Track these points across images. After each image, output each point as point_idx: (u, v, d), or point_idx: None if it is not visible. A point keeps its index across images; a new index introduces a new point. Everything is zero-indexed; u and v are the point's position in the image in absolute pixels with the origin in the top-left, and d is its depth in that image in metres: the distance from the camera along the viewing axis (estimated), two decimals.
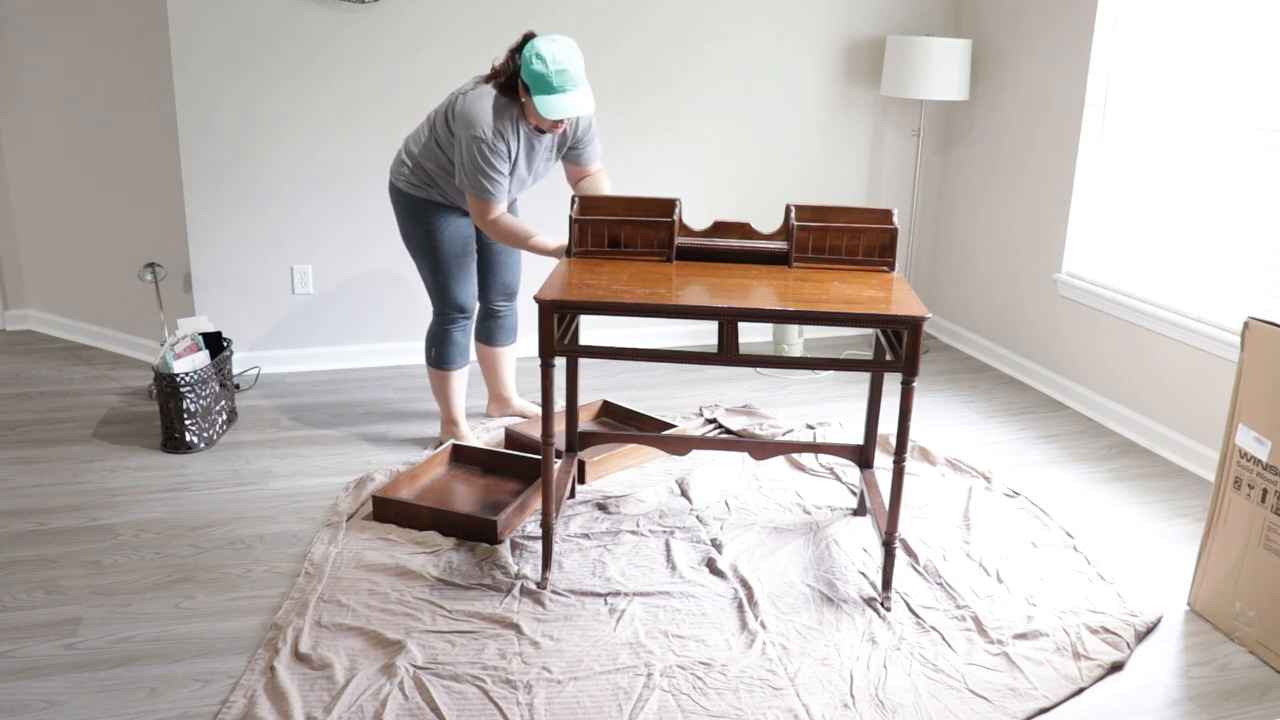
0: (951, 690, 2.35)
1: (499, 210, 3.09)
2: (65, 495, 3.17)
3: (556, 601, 2.64)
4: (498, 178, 3.03)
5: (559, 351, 2.54)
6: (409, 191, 3.24)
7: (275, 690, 2.26)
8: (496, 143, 2.99)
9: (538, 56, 2.88)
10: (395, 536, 2.93)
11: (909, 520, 3.12)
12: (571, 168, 3.33)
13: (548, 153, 3.22)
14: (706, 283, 2.64)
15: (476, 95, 3.03)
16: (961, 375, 4.50)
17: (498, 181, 3.04)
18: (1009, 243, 4.49)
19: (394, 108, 4.11)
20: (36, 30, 4.14)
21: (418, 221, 3.27)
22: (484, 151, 2.99)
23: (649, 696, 2.29)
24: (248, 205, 4.08)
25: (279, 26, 3.91)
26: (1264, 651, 2.51)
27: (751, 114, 4.57)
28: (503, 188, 3.07)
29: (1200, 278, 3.55)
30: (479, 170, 3.01)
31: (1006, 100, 4.43)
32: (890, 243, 2.82)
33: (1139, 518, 3.21)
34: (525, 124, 3.07)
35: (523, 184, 3.22)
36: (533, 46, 2.91)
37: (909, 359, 2.44)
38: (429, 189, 3.23)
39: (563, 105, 2.91)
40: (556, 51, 2.89)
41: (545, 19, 4.17)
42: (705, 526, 3.04)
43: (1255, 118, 3.31)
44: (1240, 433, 2.54)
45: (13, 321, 4.70)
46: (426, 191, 3.23)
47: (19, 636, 2.46)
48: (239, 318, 4.20)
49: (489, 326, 3.64)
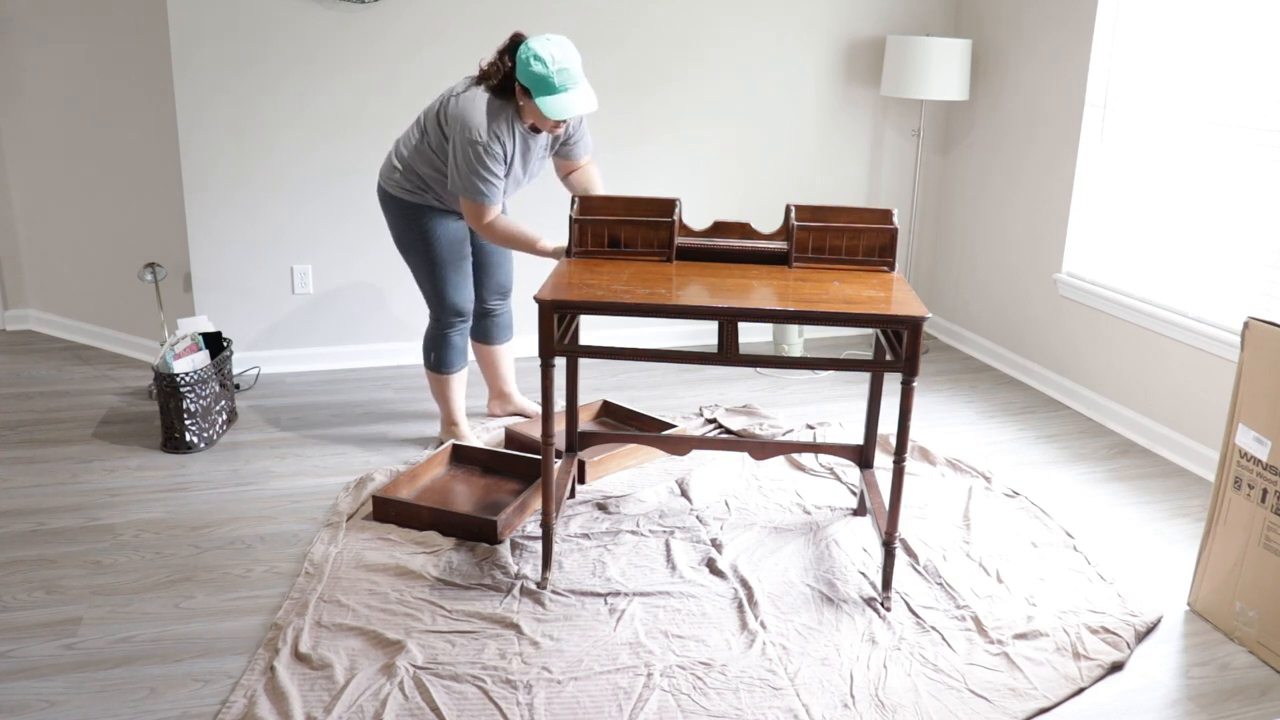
0: (951, 690, 2.35)
1: (494, 213, 3.08)
2: (65, 495, 3.17)
3: (556, 601, 2.64)
4: (494, 180, 3.01)
5: (559, 351, 2.54)
6: (402, 196, 3.21)
7: (275, 690, 2.26)
8: (492, 145, 2.97)
9: (536, 58, 2.85)
10: (395, 536, 2.93)
11: (909, 520, 3.12)
12: (562, 162, 3.32)
13: (543, 151, 3.21)
14: (706, 283, 2.64)
15: (469, 98, 2.99)
16: (961, 375, 4.50)
17: (493, 184, 3.02)
18: (1009, 243, 4.49)
19: (394, 108, 4.11)
20: (37, 30, 4.14)
21: (412, 227, 3.24)
22: (480, 154, 2.96)
23: (649, 696, 2.29)
24: (248, 205, 4.09)
25: (279, 26, 3.91)
26: (1264, 651, 2.51)
27: (751, 114, 4.57)
28: (498, 190, 3.05)
29: (1200, 278, 3.55)
30: (474, 173, 2.99)
31: (1006, 100, 4.43)
32: (890, 243, 2.82)
33: (1139, 518, 3.21)
34: (520, 125, 3.05)
35: (518, 184, 3.21)
36: (528, 48, 2.88)
37: (909, 359, 2.44)
38: (423, 193, 3.20)
39: (567, 105, 2.89)
40: (554, 51, 2.86)
41: (545, 19, 4.17)
42: (705, 526, 3.05)
43: (1255, 118, 3.31)
44: (1240, 433, 2.54)
45: (13, 321, 4.70)
46: (420, 196, 3.20)
47: (19, 636, 2.46)
48: (239, 318, 4.20)
49: (485, 325, 3.64)
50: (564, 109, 2.89)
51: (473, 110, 2.97)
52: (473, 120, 2.96)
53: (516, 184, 3.19)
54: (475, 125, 2.95)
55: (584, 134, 3.27)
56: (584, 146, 3.29)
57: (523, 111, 3.01)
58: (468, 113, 2.97)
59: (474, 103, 2.98)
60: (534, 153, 3.16)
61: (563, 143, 3.24)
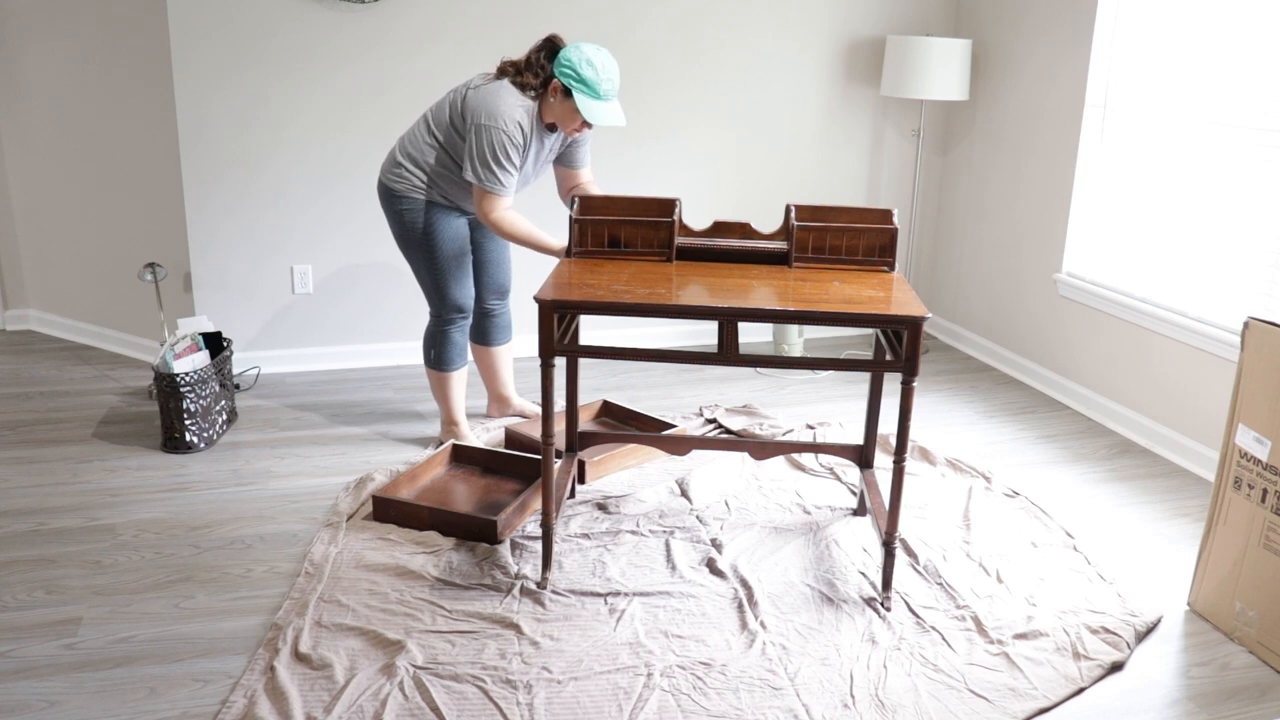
0: (951, 690, 2.35)
1: (505, 205, 3.10)
2: (65, 495, 3.17)
3: (556, 601, 2.64)
4: (510, 169, 3.05)
5: (559, 351, 2.54)
6: (406, 192, 3.23)
7: (275, 690, 2.26)
8: (515, 134, 3.02)
9: (589, 63, 2.95)
10: (395, 536, 2.93)
11: (909, 520, 3.12)
12: (564, 171, 3.36)
13: (550, 153, 3.25)
14: (706, 283, 2.64)
15: (492, 89, 3.05)
16: (961, 375, 4.50)
17: (510, 173, 3.06)
18: (1009, 243, 4.49)
19: (394, 107, 4.11)
20: (37, 30, 4.14)
21: (415, 223, 3.25)
22: (500, 141, 3.01)
23: (649, 696, 2.29)
24: (248, 205, 4.09)
25: (279, 26, 3.91)
26: (1264, 651, 2.51)
27: (751, 114, 4.57)
28: (513, 180, 3.09)
29: (1200, 278, 3.55)
30: (494, 159, 3.02)
31: (1006, 100, 4.43)
32: (890, 243, 2.82)
33: (1139, 518, 3.21)
34: (538, 123, 3.10)
35: (526, 182, 3.24)
36: (580, 50, 2.97)
37: (909, 359, 2.44)
38: (429, 189, 3.22)
39: (607, 113, 3.00)
40: (606, 61, 2.98)
41: (546, 20, 4.17)
42: (705, 526, 3.05)
43: (1255, 118, 3.31)
44: (1240, 433, 2.54)
45: (13, 321, 4.70)
46: (426, 192, 3.22)
47: (19, 636, 2.46)
48: (239, 318, 4.20)
49: (484, 326, 3.64)
50: (602, 115, 2.99)
51: (497, 100, 3.02)
52: (497, 108, 3.01)
53: (525, 182, 3.24)
54: (499, 113, 3.01)
55: (588, 142, 3.34)
56: (586, 153, 3.35)
57: (546, 109, 3.06)
58: (491, 102, 3.02)
59: (497, 94, 3.04)
60: (543, 154, 3.21)
61: (568, 145, 3.29)
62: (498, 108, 3.01)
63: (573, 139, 3.27)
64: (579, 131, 3.11)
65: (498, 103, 3.01)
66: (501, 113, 3.00)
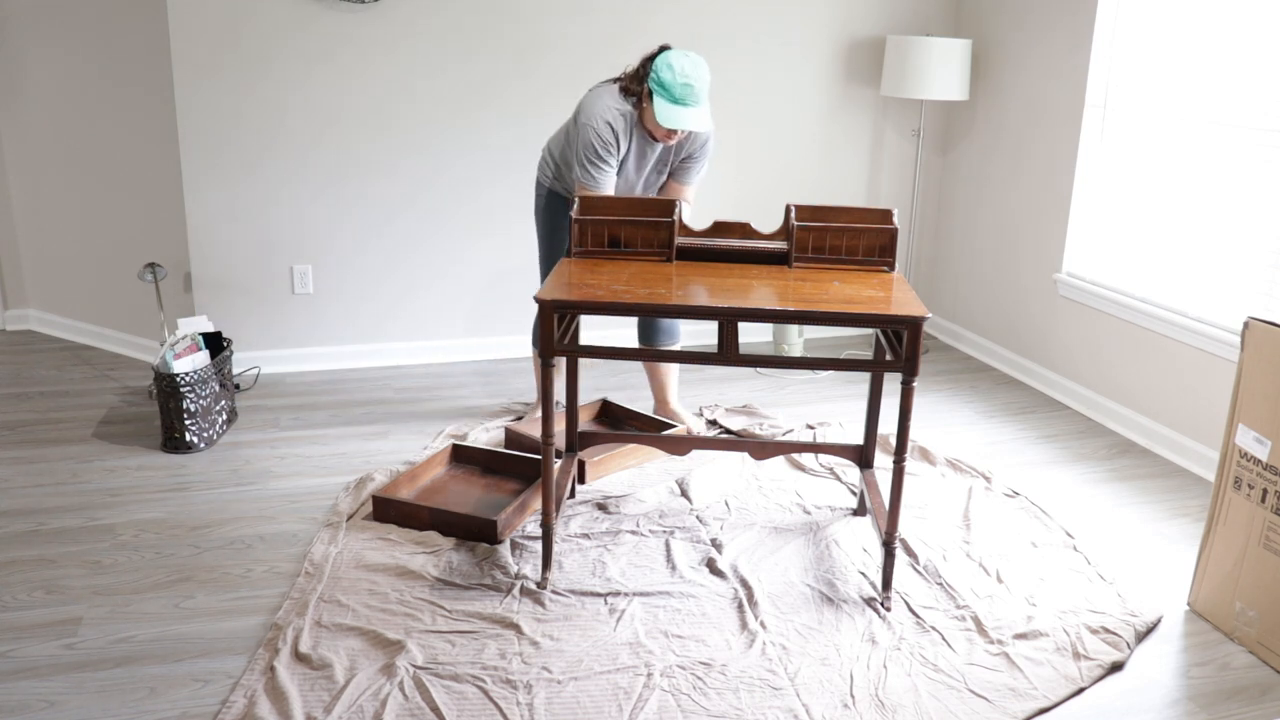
0: (951, 690, 2.35)
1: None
2: (65, 495, 3.17)
3: (556, 601, 2.64)
4: (603, 166, 3.16)
5: (559, 351, 2.54)
6: (540, 179, 3.46)
7: (275, 690, 2.26)
8: (605, 132, 3.13)
9: (668, 66, 3.04)
10: (395, 536, 2.93)
11: (909, 520, 3.12)
12: (671, 185, 3.43)
13: (660, 164, 3.34)
14: (706, 283, 2.64)
15: (597, 92, 3.20)
16: (961, 375, 4.50)
17: (601, 169, 3.16)
18: (1009, 243, 4.49)
19: (394, 107, 4.11)
20: (37, 30, 4.14)
21: (540, 207, 3.47)
22: (590, 140, 3.14)
23: (649, 696, 2.29)
24: (248, 205, 4.08)
25: (279, 26, 3.91)
26: (1264, 651, 2.51)
27: (752, 114, 4.57)
28: (607, 178, 3.18)
29: (1200, 278, 3.55)
30: (586, 156, 3.16)
31: (1006, 100, 4.43)
32: (890, 243, 2.82)
33: (1139, 518, 3.21)
34: (640, 128, 3.20)
35: (630, 187, 3.34)
36: (665, 56, 3.08)
37: (909, 359, 2.44)
38: (554, 180, 3.41)
39: (676, 116, 3.05)
40: (686, 65, 3.04)
41: (546, 20, 4.17)
42: (705, 526, 3.05)
43: (1255, 118, 3.31)
44: (1240, 433, 2.54)
45: (13, 321, 4.70)
46: (553, 182, 3.42)
47: (19, 636, 2.46)
48: (239, 318, 4.20)
49: (644, 326, 3.64)
50: (671, 118, 3.04)
51: (596, 101, 3.18)
52: (593, 108, 3.16)
53: (628, 186, 3.34)
54: (594, 112, 3.15)
55: (701, 164, 3.38)
56: (692, 173, 3.40)
57: (645, 115, 3.16)
58: (590, 103, 3.19)
59: (598, 96, 3.20)
60: (649, 161, 3.30)
61: (681, 160, 3.35)
62: (593, 108, 3.16)
63: (686, 155, 3.34)
64: (668, 139, 3.18)
65: (595, 104, 3.16)
66: (595, 113, 3.14)
